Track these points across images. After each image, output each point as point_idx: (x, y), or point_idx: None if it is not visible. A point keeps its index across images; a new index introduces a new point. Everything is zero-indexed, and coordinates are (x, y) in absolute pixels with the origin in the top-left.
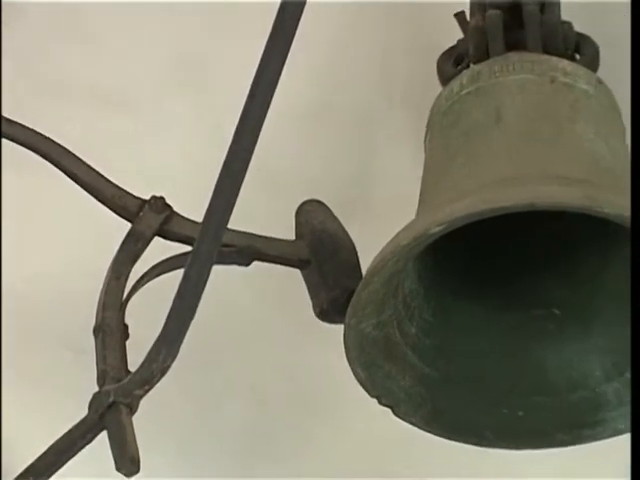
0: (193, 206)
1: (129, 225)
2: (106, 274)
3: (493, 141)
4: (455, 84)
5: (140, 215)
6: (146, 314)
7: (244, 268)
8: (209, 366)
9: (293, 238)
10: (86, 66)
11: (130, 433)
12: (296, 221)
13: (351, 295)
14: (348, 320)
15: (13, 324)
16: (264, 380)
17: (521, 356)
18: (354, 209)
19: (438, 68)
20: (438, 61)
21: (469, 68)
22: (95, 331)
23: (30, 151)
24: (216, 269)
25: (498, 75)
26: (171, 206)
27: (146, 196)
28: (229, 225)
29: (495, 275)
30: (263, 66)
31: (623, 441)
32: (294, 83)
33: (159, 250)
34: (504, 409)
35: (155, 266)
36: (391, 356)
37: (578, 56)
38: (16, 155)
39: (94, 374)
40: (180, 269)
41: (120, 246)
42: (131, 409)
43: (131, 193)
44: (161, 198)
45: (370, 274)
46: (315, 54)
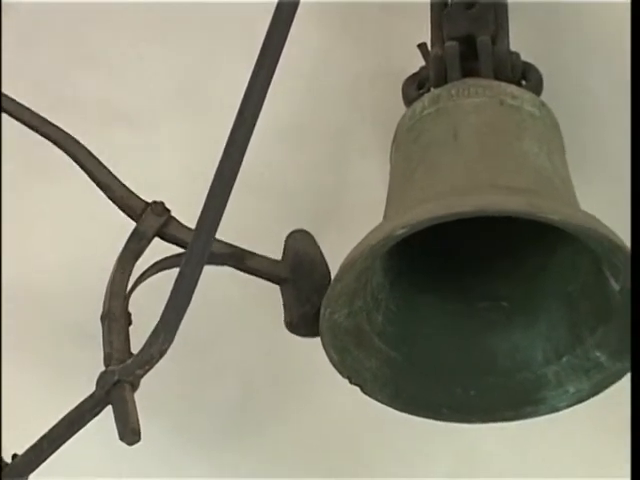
0: (189, 212)
1: (133, 226)
2: (112, 269)
3: (450, 155)
4: (418, 105)
5: (143, 216)
6: (147, 304)
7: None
8: (201, 350)
9: (271, 243)
10: (96, 86)
11: (132, 407)
12: (285, 244)
13: (318, 312)
14: (323, 311)
15: (30, 312)
16: (249, 364)
17: (473, 342)
18: (330, 213)
19: (403, 91)
20: (403, 85)
21: (430, 92)
22: (102, 318)
23: (58, 148)
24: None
25: (455, 98)
26: (170, 210)
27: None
28: (221, 236)
29: (451, 272)
30: (249, 90)
31: (623, 441)
32: (277, 105)
33: (158, 250)
34: (458, 388)
35: (155, 264)
36: (360, 342)
37: (524, 82)
38: (37, 164)
39: (101, 356)
40: (176, 267)
41: (125, 244)
42: (133, 386)
43: (137, 195)
44: (161, 203)
45: (342, 270)
46: (296, 79)
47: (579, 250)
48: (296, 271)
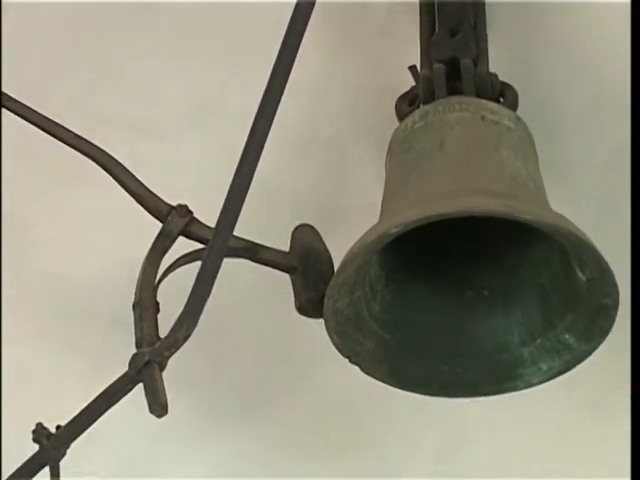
0: (209, 213)
1: (160, 226)
2: (142, 263)
3: (437, 163)
4: (409, 120)
5: (169, 218)
6: (173, 294)
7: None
8: (220, 334)
9: (281, 239)
10: (123, 102)
11: (161, 385)
12: (292, 237)
13: (324, 296)
14: (327, 300)
15: (73, 302)
16: (263, 345)
17: (459, 327)
18: (332, 214)
19: (396, 107)
20: (396, 102)
21: (420, 108)
22: (134, 307)
23: (94, 163)
24: (227, 259)
25: (442, 113)
26: (192, 212)
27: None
28: (237, 233)
29: (439, 266)
30: (262, 105)
31: (623, 441)
32: (286, 118)
33: (182, 247)
34: (446, 367)
35: (179, 258)
36: (359, 327)
37: (502, 99)
38: (76, 172)
39: (133, 340)
40: (198, 261)
41: (153, 242)
42: (161, 366)
43: (163, 200)
44: (185, 205)
45: (344, 264)
46: (302, 96)
47: (551, 246)
48: (303, 261)
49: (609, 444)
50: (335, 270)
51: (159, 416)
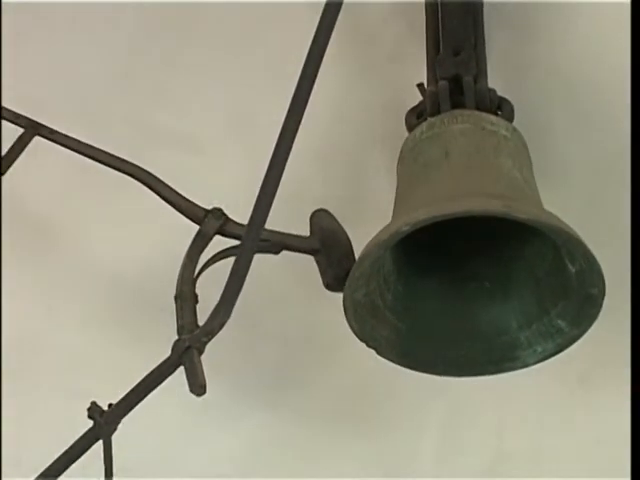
0: (241, 215)
1: (197, 227)
2: (183, 260)
3: (443, 169)
4: (417, 131)
5: (205, 220)
6: (210, 286)
7: (276, 255)
8: (252, 321)
9: (308, 234)
10: (169, 118)
11: (200, 368)
12: (310, 222)
13: (348, 272)
14: (345, 291)
15: (123, 295)
16: (290, 330)
17: (462, 314)
18: (350, 216)
19: (406, 120)
20: (406, 115)
21: (427, 120)
22: (175, 298)
23: (133, 179)
24: (257, 256)
25: (446, 125)
26: (226, 214)
27: (209, 208)
28: (265, 226)
29: (445, 261)
30: (286, 122)
31: (623, 441)
32: (308, 131)
33: (218, 243)
34: (452, 350)
35: (216, 254)
36: (375, 315)
37: (500, 112)
38: (125, 181)
39: (175, 328)
40: (232, 256)
41: (192, 241)
42: (200, 351)
43: (199, 205)
44: (220, 209)
45: (360, 259)
46: (323, 111)
47: (544, 242)
48: (324, 242)
49: (609, 444)
50: (353, 253)
51: (198, 395)
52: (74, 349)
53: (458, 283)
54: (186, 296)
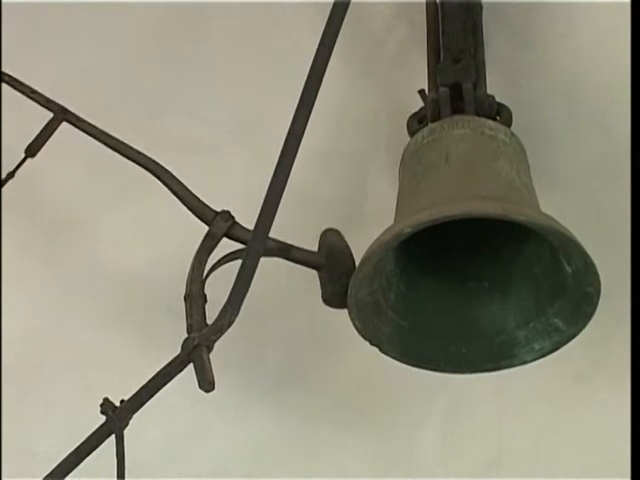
0: (248, 218)
1: (206, 229)
2: (192, 261)
3: (443, 173)
4: (419, 136)
5: (214, 222)
6: (218, 287)
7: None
8: (259, 321)
9: (310, 239)
10: (176, 121)
11: (208, 365)
12: (319, 240)
13: (346, 290)
14: (350, 291)
15: (134, 294)
16: (295, 331)
17: (463, 313)
18: (353, 217)
19: (407, 125)
20: (407, 121)
21: (428, 125)
22: (185, 298)
23: (150, 175)
24: (264, 258)
25: (447, 130)
26: (234, 217)
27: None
28: (273, 235)
29: (446, 261)
30: (293, 126)
31: (623, 441)
32: (314, 135)
33: (226, 247)
34: (452, 347)
35: (224, 256)
36: (378, 313)
37: (498, 117)
38: (136, 183)
39: (184, 327)
40: (240, 259)
41: (201, 243)
42: (209, 349)
43: (209, 206)
44: (228, 211)
45: (364, 260)
46: (328, 116)
47: (542, 243)
48: (329, 259)
49: (609, 441)
50: (356, 266)
51: (207, 391)
52: (87, 347)
53: (458, 283)
54: (195, 296)
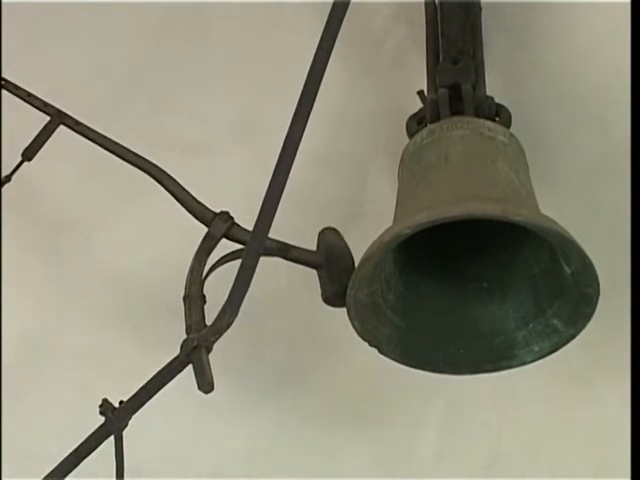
0: (247, 218)
1: (205, 230)
2: (191, 261)
3: (443, 174)
4: (418, 137)
5: (213, 223)
6: (217, 288)
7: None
8: (258, 321)
9: (309, 240)
10: (178, 124)
11: (207, 365)
12: (318, 239)
13: (346, 289)
14: (349, 291)
15: (133, 295)
16: (294, 331)
17: (462, 314)
18: (352, 218)
19: (407, 126)
20: (407, 122)
21: (427, 126)
22: (184, 299)
23: (149, 177)
24: (263, 258)
25: (446, 131)
26: (233, 218)
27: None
28: (272, 235)
29: (445, 262)
30: (292, 127)
31: (623, 441)
32: (313, 137)
33: (224, 247)
34: (451, 348)
35: (223, 257)
36: (377, 314)
37: (497, 118)
38: (136, 185)
39: (183, 327)
40: (239, 259)
41: (200, 243)
42: (208, 350)
43: (208, 207)
44: (227, 212)
45: (363, 261)
46: (327, 117)
47: (540, 244)
48: (328, 258)
49: (608, 442)
50: (356, 266)
51: (206, 392)
52: (86, 347)
53: (457, 284)
54: (194, 297)
